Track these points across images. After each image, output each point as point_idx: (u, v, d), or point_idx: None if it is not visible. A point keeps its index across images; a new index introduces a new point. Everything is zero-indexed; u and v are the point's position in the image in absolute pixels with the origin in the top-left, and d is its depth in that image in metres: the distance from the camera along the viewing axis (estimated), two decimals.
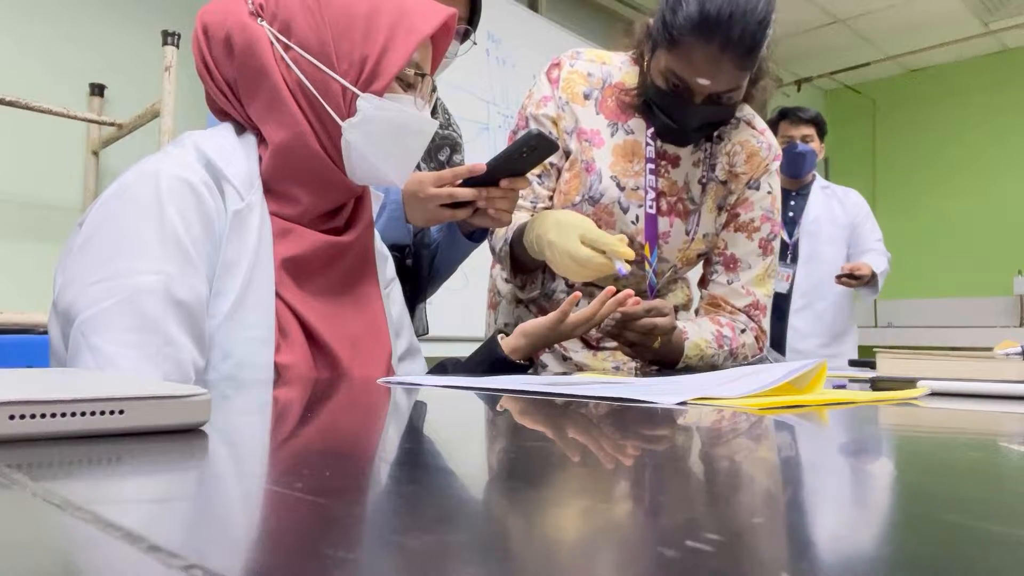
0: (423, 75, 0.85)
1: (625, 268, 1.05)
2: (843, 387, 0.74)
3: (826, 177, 3.26)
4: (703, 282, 1.36)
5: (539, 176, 1.29)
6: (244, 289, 0.75)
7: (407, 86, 0.84)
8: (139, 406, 0.34)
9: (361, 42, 0.79)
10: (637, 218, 1.25)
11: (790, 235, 2.68)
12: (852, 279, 2.54)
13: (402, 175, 0.87)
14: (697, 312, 1.36)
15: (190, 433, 0.35)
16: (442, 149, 1.40)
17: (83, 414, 0.32)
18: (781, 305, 2.61)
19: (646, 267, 1.26)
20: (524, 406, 0.54)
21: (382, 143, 0.82)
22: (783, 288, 2.65)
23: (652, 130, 1.24)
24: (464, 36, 1.28)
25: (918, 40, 4.54)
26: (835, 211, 2.74)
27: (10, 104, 1.95)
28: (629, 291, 1.04)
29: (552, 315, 1.01)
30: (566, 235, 1.06)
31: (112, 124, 2.20)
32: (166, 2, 2.47)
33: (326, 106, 0.79)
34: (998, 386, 0.71)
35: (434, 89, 0.89)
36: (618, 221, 1.25)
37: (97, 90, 2.32)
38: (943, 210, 4.84)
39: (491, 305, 1.42)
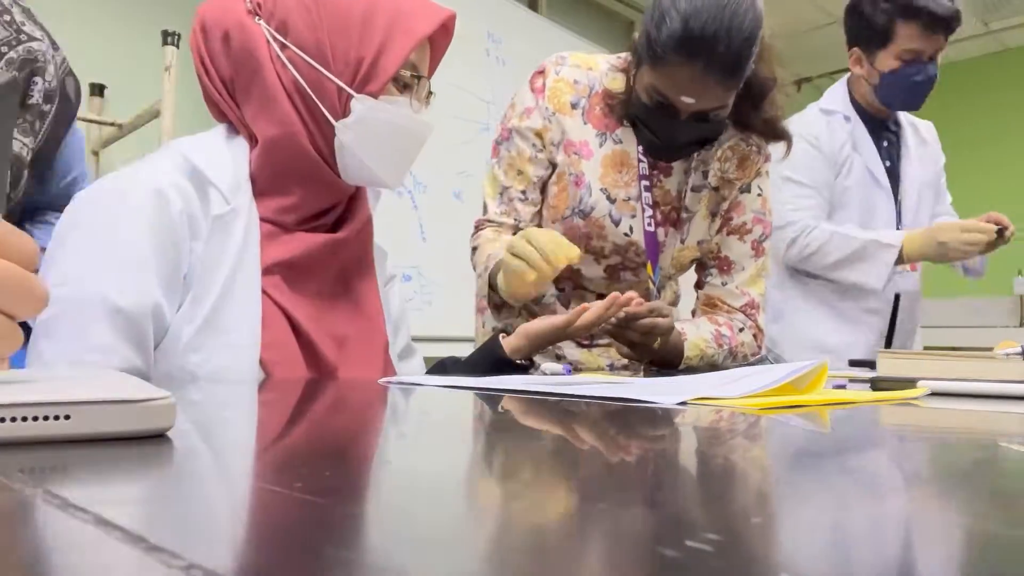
0: (420, 77, 0.84)
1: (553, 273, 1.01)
2: (843, 387, 0.74)
3: None
4: (699, 285, 1.37)
5: (523, 192, 1.28)
6: (224, 293, 0.75)
7: (403, 88, 0.83)
8: (88, 411, 0.30)
9: (357, 42, 0.79)
10: (631, 229, 1.26)
11: (894, 194, 1.85)
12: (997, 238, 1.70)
13: (395, 177, 0.86)
14: (694, 313, 1.36)
15: (157, 439, 0.32)
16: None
17: (24, 419, 0.29)
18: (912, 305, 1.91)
19: (649, 285, 1.27)
20: (525, 406, 0.54)
21: (375, 145, 0.81)
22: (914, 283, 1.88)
23: (643, 147, 1.24)
24: None
25: None
26: (926, 161, 1.99)
27: None
28: (632, 292, 1.04)
29: (562, 318, 1.01)
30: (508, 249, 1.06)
31: (112, 124, 2.21)
32: (166, 2, 2.47)
33: (320, 106, 0.79)
34: (998, 386, 0.71)
35: (431, 93, 0.88)
36: (610, 233, 1.25)
37: (97, 90, 2.32)
38: None
39: (479, 309, 1.42)
